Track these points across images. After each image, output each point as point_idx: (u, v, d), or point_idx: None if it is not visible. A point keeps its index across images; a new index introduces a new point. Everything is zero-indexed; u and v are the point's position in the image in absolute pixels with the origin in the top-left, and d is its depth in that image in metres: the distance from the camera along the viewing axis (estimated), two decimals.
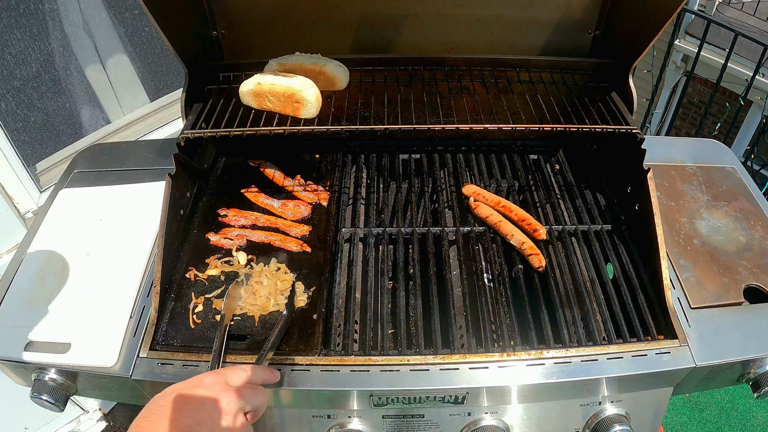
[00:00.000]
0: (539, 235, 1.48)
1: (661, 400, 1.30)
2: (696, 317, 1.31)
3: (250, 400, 0.96)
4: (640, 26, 1.48)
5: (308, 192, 1.64)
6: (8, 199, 2.09)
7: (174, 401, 0.89)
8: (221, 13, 1.64)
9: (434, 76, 1.68)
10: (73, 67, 2.36)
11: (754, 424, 2.96)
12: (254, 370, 1.04)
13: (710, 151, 1.80)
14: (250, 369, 1.03)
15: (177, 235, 1.45)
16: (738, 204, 1.61)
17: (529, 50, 1.74)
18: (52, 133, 2.38)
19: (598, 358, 1.22)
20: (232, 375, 0.99)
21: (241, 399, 0.95)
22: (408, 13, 1.65)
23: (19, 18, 2.10)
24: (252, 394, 0.98)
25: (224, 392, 0.93)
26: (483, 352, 1.22)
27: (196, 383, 0.93)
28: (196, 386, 0.92)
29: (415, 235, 1.52)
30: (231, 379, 0.98)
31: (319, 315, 1.30)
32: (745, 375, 1.31)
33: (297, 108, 1.48)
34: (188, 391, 0.91)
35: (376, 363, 1.20)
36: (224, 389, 0.94)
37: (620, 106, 1.54)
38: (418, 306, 1.36)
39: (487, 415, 1.25)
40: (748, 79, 4.07)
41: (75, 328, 1.28)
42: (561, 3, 1.63)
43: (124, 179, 1.67)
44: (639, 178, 1.45)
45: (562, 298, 1.37)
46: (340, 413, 1.24)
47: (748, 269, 1.42)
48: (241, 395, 0.95)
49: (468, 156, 1.80)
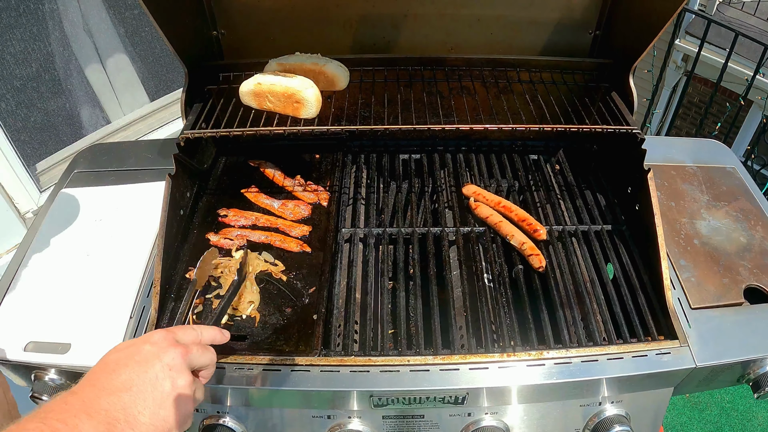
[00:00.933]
0: (539, 235, 1.48)
1: (662, 401, 1.29)
2: (696, 318, 1.31)
3: (197, 358, 0.97)
4: (641, 26, 1.48)
5: (308, 192, 1.64)
6: (8, 199, 2.09)
7: (122, 356, 0.90)
8: (221, 13, 1.64)
9: (434, 76, 1.68)
10: (73, 67, 2.36)
11: (754, 424, 2.97)
12: (204, 329, 1.05)
13: (710, 151, 1.80)
14: (200, 328, 1.04)
15: (177, 236, 1.45)
16: (738, 204, 1.61)
17: (530, 50, 1.74)
18: (52, 133, 2.38)
19: (598, 359, 1.22)
20: (180, 333, 0.99)
21: (189, 355, 0.95)
22: (408, 13, 1.65)
23: (19, 18, 2.10)
24: (200, 352, 0.98)
25: (170, 347, 0.93)
26: (483, 353, 1.22)
27: (146, 339, 0.94)
28: (145, 341, 0.93)
29: (415, 235, 1.51)
30: (179, 337, 0.98)
31: (319, 315, 1.30)
32: (746, 375, 1.31)
33: (297, 108, 1.48)
34: (137, 346, 0.92)
35: (376, 363, 1.20)
36: (171, 344, 0.94)
37: (620, 106, 1.54)
38: (418, 306, 1.35)
39: (487, 415, 1.25)
40: (748, 78, 4.07)
41: (75, 328, 1.28)
42: (561, 3, 1.63)
43: (124, 179, 1.67)
44: (639, 178, 1.45)
45: (562, 299, 1.36)
46: (340, 414, 1.24)
47: (749, 269, 1.42)
48: (188, 351, 0.95)
49: (468, 156, 1.80)
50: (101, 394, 0.82)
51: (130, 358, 0.89)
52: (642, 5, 1.49)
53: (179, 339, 0.97)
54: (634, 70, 1.54)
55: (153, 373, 0.88)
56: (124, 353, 0.91)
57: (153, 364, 0.89)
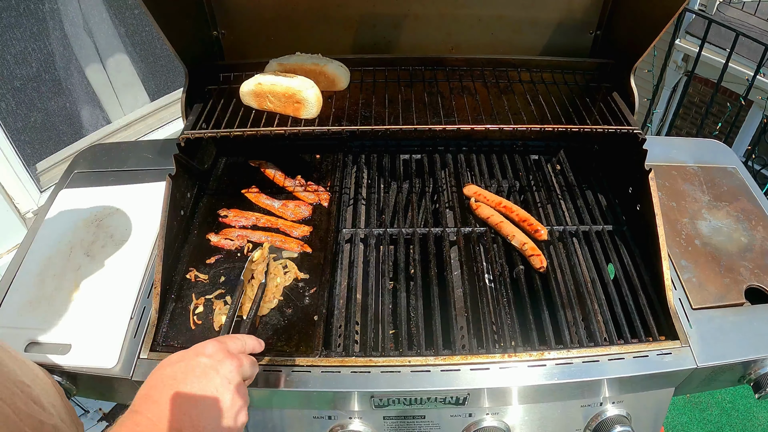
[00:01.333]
0: (540, 235, 1.48)
1: (663, 401, 1.29)
2: (697, 318, 1.31)
3: (247, 369, 0.99)
4: (641, 26, 1.48)
5: (309, 192, 1.63)
6: (8, 199, 2.09)
7: (180, 371, 0.90)
8: (221, 13, 1.64)
9: (435, 76, 1.68)
10: (73, 67, 2.36)
11: (755, 424, 2.96)
12: (247, 339, 1.06)
13: (711, 151, 1.80)
14: (244, 338, 1.05)
15: (177, 236, 1.45)
16: (739, 204, 1.60)
17: (530, 50, 1.73)
18: (52, 133, 2.38)
19: (599, 359, 1.21)
20: (231, 343, 1.00)
21: (242, 367, 0.97)
22: (409, 13, 1.65)
23: (19, 18, 2.10)
24: (248, 363, 1.00)
25: (226, 360, 0.94)
26: (484, 353, 1.22)
27: (199, 351, 0.94)
28: (199, 354, 0.93)
29: (415, 235, 1.51)
30: (231, 347, 0.99)
31: (320, 316, 1.30)
32: (746, 376, 1.31)
33: (298, 108, 1.48)
34: (192, 359, 0.92)
35: (377, 364, 1.20)
36: (226, 356, 0.95)
37: (621, 107, 1.54)
38: (419, 307, 1.35)
39: (488, 416, 1.25)
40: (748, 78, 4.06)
41: (75, 329, 1.28)
42: (562, 3, 1.63)
43: (124, 179, 1.67)
44: (640, 179, 1.44)
45: (563, 299, 1.36)
46: (341, 414, 1.24)
47: (750, 270, 1.42)
48: (241, 363, 0.97)
49: (469, 156, 1.80)
50: (167, 410, 0.83)
51: (189, 372, 0.90)
52: (643, 5, 1.49)
53: (230, 349, 0.98)
54: (634, 70, 1.54)
55: (213, 386, 0.89)
56: (181, 367, 0.90)
57: (212, 378, 0.90)
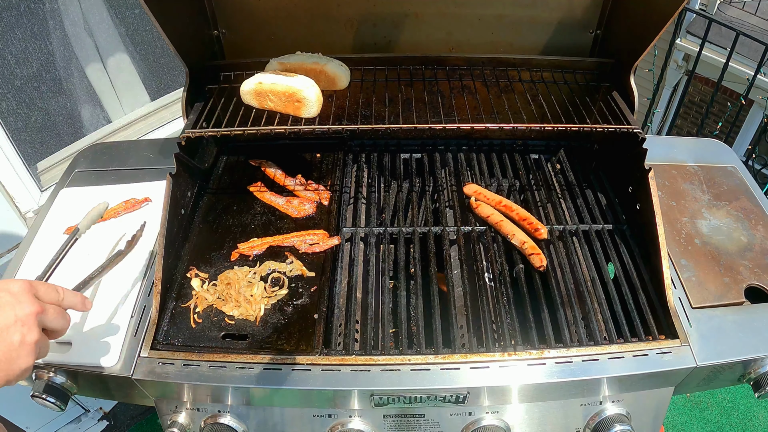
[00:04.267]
0: (540, 234, 1.48)
1: (662, 400, 1.29)
2: (697, 317, 1.31)
3: (51, 320, 0.96)
4: (642, 25, 1.48)
5: (309, 191, 1.64)
6: (9, 198, 2.09)
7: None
8: (222, 13, 1.64)
9: (435, 75, 1.68)
10: (73, 66, 2.36)
11: (755, 423, 2.96)
12: (67, 293, 1.03)
13: (711, 150, 1.80)
14: (63, 291, 1.02)
15: (178, 235, 1.45)
16: (739, 203, 1.60)
17: (530, 49, 1.73)
18: (52, 132, 2.38)
19: (599, 358, 1.22)
20: (43, 289, 0.97)
21: (43, 315, 0.94)
22: (409, 12, 1.65)
23: (19, 17, 2.10)
24: (56, 315, 0.97)
25: (27, 303, 0.92)
26: (484, 352, 1.22)
27: (6, 287, 0.92)
28: (4, 289, 0.92)
29: (416, 234, 1.51)
30: (41, 293, 0.97)
31: (320, 314, 1.30)
32: (746, 375, 1.31)
33: (298, 107, 1.48)
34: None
35: (377, 362, 1.20)
36: (29, 300, 0.93)
37: (621, 106, 1.54)
38: (419, 305, 1.36)
39: (487, 414, 1.25)
40: (749, 78, 4.06)
41: (76, 327, 1.28)
42: (562, 2, 1.63)
43: (124, 179, 1.67)
44: (640, 178, 1.44)
45: (563, 298, 1.36)
46: (340, 413, 1.24)
47: (750, 269, 1.42)
48: (44, 311, 0.94)
49: (469, 155, 1.80)
50: None
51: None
52: (643, 5, 1.49)
53: (40, 296, 0.96)
54: (635, 69, 1.54)
55: (4, 322, 0.88)
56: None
57: (7, 314, 0.89)
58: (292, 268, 1.42)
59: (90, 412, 2.76)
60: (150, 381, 1.20)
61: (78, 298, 1.04)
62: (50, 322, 0.96)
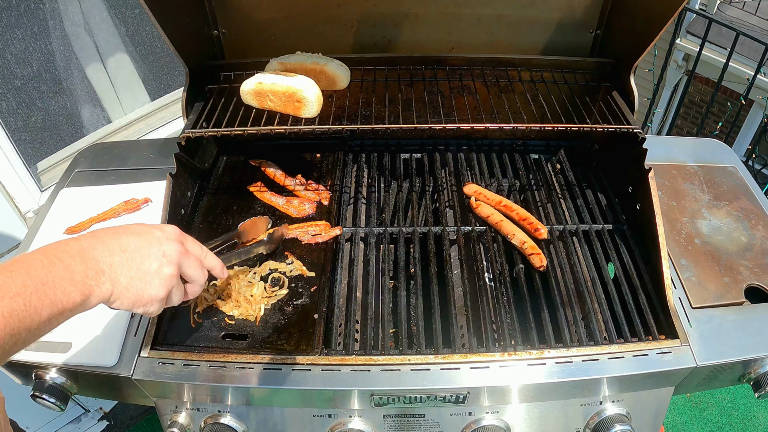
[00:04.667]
0: (540, 234, 1.48)
1: (662, 400, 1.29)
2: (697, 317, 1.31)
3: (190, 267, 1.00)
4: (642, 25, 1.48)
5: (309, 191, 1.64)
6: (9, 198, 2.09)
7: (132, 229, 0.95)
8: (222, 13, 1.64)
9: (435, 75, 1.68)
10: (73, 66, 2.36)
11: (755, 423, 2.96)
12: (210, 254, 1.08)
13: (711, 150, 1.80)
14: (208, 252, 1.07)
15: None
16: (739, 203, 1.60)
17: (530, 49, 1.73)
18: (53, 132, 2.38)
19: (599, 358, 1.22)
20: (191, 242, 1.03)
21: (185, 258, 0.99)
22: (409, 12, 1.65)
23: (19, 17, 2.10)
24: (195, 264, 1.01)
25: (175, 242, 0.97)
26: (484, 352, 1.22)
27: (160, 226, 0.99)
28: (158, 228, 0.98)
29: (416, 234, 1.51)
30: (188, 243, 1.02)
31: (320, 314, 1.30)
32: (746, 375, 1.31)
33: (298, 107, 1.48)
34: (149, 227, 0.97)
35: (377, 362, 1.20)
36: (177, 241, 0.98)
37: (621, 106, 1.54)
38: (419, 305, 1.36)
39: (488, 414, 1.25)
40: (749, 78, 4.06)
41: (76, 327, 1.28)
42: (562, 2, 1.63)
43: (125, 178, 1.67)
44: (640, 178, 1.45)
45: (563, 298, 1.36)
46: (340, 413, 1.24)
47: (750, 269, 1.42)
48: (187, 255, 0.99)
49: (469, 155, 1.80)
50: (98, 246, 0.88)
51: (137, 231, 0.94)
52: (643, 4, 1.49)
53: (187, 245, 1.01)
54: (635, 69, 1.54)
55: (148, 251, 0.93)
56: (135, 227, 0.96)
57: (153, 244, 0.94)
58: (292, 268, 1.42)
59: (90, 412, 2.76)
60: (150, 381, 1.20)
61: (217, 262, 1.10)
62: (188, 269, 1.00)
